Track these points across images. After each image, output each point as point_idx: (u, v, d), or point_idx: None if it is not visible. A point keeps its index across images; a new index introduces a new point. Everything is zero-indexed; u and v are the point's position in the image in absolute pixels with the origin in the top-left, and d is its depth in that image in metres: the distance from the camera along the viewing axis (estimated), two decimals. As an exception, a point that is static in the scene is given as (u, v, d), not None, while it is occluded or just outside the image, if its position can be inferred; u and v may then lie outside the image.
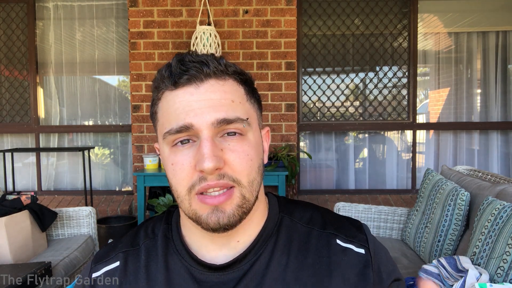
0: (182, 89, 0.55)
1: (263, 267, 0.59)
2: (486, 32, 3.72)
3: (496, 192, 1.80)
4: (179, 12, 3.41)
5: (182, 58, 0.56)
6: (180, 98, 0.54)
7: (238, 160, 0.54)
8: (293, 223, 0.64)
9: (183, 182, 0.54)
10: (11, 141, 3.88)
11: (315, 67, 3.69)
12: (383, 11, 3.62)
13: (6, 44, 3.76)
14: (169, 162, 0.56)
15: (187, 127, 0.53)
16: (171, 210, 0.69)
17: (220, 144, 0.54)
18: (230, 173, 0.53)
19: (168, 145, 0.56)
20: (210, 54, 0.58)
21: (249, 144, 0.56)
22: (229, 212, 0.54)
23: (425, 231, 2.09)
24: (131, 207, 3.56)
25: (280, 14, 3.41)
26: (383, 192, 3.71)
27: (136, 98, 3.48)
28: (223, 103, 0.54)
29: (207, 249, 0.61)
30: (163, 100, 0.57)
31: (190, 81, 0.54)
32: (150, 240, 0.65)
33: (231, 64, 0.58)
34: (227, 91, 0.55)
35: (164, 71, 0.56)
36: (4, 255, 2.11)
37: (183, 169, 0.54)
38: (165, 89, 0.57)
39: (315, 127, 3.70)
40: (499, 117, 3.73)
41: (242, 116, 0.55)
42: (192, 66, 0.54)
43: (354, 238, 0.63)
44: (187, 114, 0.53)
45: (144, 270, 0.61)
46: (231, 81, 0.57)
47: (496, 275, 1.45)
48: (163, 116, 0.57)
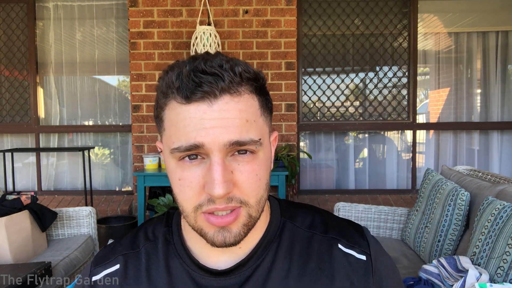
0: (193, 105, 0.51)
1: (265, 272, 0.59)
2: (486, 32, 3.72)
3: (496, 192, 1.80)
4: (179, 12, 3.41)
5: (195, 67, 0.51)
6: (192, 114, 0.51)
7: (247, 182, 0.53)
8: (295, 228, 0.63)
9: (190, 201, 0.53)
10: (11, 141, 3.88)
11: (315, 67, 3.69)
12: (383, 11, 3.62)
13: (6, 44, 3.76)
14: (176, 177, 0.54)
15: (198, 146, 0.50)
16: (170, 212, 0.68)
17: (230, 165, 0.52)
18: (238, 195, 0.52)
19: (175, 159, 0.53)
20: (224, 58, 0.53)
21: (259, 163, 0.54)
22: (235, 231, 0.54)
23: (425, 231, 2.09)
24: (131, 207, 3.56)
25: (280, 14, 3.41)
26: (383, 192, 3.71)
27: (136, 98, 3.48)
28: (236, 123, 0.51)
29: (209, 254, 0.60)
30: (171, 111, 0.53)
31: (203, 97, 0.50)
32: (151, 243, 0.64)
33: (246, 68, 0.53)
34: (242, 110, 0.52)
35: (174, 79, 0.52)
36: (4, 255, 2.11)
37: (191, 187, 0.52)
38: (173, 99, 0.52)
39: (315, 127, 3.70)
40: (499, 117, 3.73)
41: (255, 138, 0.52)
42: (206, 81, 0.50)
43: (356, 244, 0.62)
44: (198, 133, 0.50)
45: (145, 274, 0.61)
46: (246, 96, 0.53)
47: (496, 275, 1.45)
48: (170, 128, 0.53)
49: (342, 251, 0.61)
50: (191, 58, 0.54)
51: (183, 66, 0.52)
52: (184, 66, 0.52)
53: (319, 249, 0.61)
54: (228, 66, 0.52)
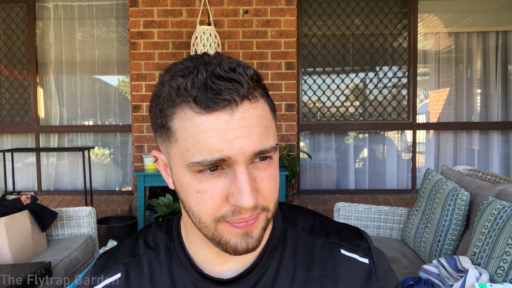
0: (214, 115, 0.48)
1: (270, 280, 0.58)
2: (486, 32, 3.72)
3: (496, 192, 1.80)
4: (179, 12, 3.41)
5: (211, 73, 0.48)
6: (213, 125, 0.48)
7: (268, 188, 0.52)
8: (297, 234, 0.63)
9: (211, 212, 0.51)
10: (11, 141, 3.88)
11: (315, 67, 3.69)
12: (383, 11, 3.62)
13: (6, 44, 3.76)
14: (193, 189, 0.51)
15: (224, 160, 0.48)
16: (169, 218, 0.67)
17: (252, 173, 0.51)
18: (262, 202, 0.52)
19: (192, 171, 0.50)
20: (231, 60, 0.51)
21: (275, 167, 0.55)
22: (256, 236, 0.53)
23: (425, 231, 2.09)
24: (131, 207, 3.56)
25: (280, 14, 3.41)
26: (383, 192, 3.71)
27: (136, 98, 3.48)
28: (258, 131, 0.49)
29: (213, 262, 0.59)
30: (186, 121, 0.49)
31: (224, 107, 0.48)
32: (152, 251, 0.63)
33: (254, 71, 0.52)
34: (260, 116, 0.51)
35: (189, 87, 0.48)
36: (4, 255, 2.11)
37: (212, 199, 0.50)
38: (188, 108, 0.49)
39: (315, 127, 3.70)
40: (499, 117, 3.73)
41: (273, 144, 0.52)
42: (226, 88, 0.47)
43: (358, 247, 0.62)
44: (223, 145, 0.48)
45: (148, 284, 0.60)
46: (261, 101, 0.52)
47: (496, 275, 1.45)
48: (187, 140, 0.49)
49: (345, 256, 0.61)
50: (196, 61, 0.51)
51: (195, 72, 0.49)
52: (197, 73, 0.49)
53: (322, 255, 0.61)
54: (241, 70, 0.50)
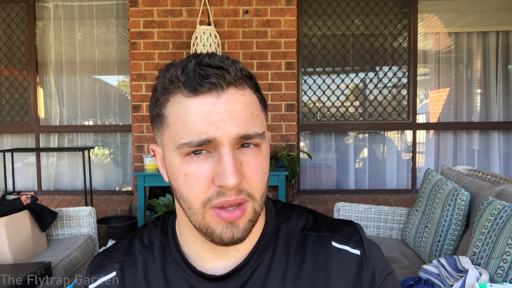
0: (201, 98, 0.51)
1: (262, 275, 0.59)
2: (486, 32, 3.72)
3: (496, 192, 1.80)
4: (179, 12, 3.42)
5: (200, 61, 0.52)
6: (200, 107, 0.51)
7: (254, 175, 0.53)
8: (290, 229, 0.64)
9: (199, 195, 0.52)
10: (11, 141, 3.88)
11: (315, 67, 3.69)
12: (383, 11, 3.62)
13: (6, 44, 3.76)
14: (182, 173, 0.53)
15: (209, 141, 0.50)
16: (165, 217, 0.67)
17: (238, 157, 0.52)
18: (247, 188, 0.53)
19: (180, 155, 0.53)
20: (225, 56, 0.55)
21: (263, 156, 0.55)
22: (242, 227, 0.54)
23: (425, 231, 2.09)
24: (131, 207, 3.56)
25: (280, 14, 3.41)
26: (383, 192, 3.71)
27: (136, 98, 3.48)
28: (243, 116, 0.52)
29: (206, 259, 0.60)
30: (176, 106, 0.53)
31: (211, 90, 0.51)
32: (147, 249, 0.64)
33: (244, 67, 0.55)
34: (247, 103, 0.53)
35: (179, 74, 0.52)
36: (4, 255, 2.11)
37: (199, 181, 0.52)
38: (178, 93, 0.53)
39: (315, 127, 3.70)
40: (499, 117, 3.73)
41: (260, 131, 0.54)
42: (213, 73, 0.51)
43: (349, 239, 0.63)
44: (209, 126, 0.50)
45: (143, 282, 0.61)
46: (248, 90, 0.55)
47: (496, 275, 1.45)
48: (177, 124, 0.53)
49: (337, 248, 0.61)
50: (190, 55, 0.55)
51: (186, 62, 0.53)
52: (187, 62, 0.53)
53: (313, 249, 0.61)
54: (230, 62, 0.53)
